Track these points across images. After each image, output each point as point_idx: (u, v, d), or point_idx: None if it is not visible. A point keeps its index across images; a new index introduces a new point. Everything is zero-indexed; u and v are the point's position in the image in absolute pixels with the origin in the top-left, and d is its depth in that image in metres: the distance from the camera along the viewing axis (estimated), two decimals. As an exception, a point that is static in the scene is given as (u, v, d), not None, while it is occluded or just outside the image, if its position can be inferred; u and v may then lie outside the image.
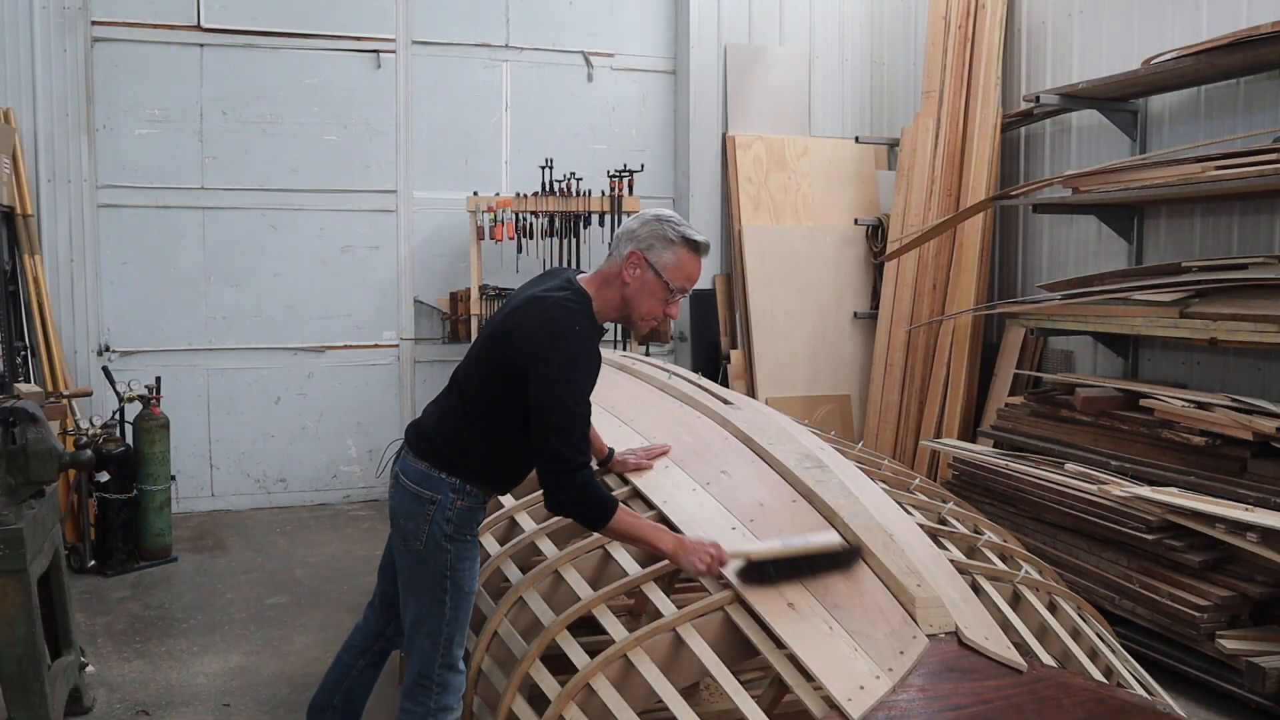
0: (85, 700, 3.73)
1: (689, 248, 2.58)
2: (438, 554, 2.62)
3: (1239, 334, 4.21)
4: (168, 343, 6.50)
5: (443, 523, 2.62)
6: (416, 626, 2.66)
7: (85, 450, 3.55)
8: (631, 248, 2.58)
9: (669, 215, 2.62)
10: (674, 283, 2.58)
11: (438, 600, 2.62)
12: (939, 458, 6.17)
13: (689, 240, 2.58)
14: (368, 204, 6.78)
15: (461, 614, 2.67)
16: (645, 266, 2.56)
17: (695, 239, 2.59)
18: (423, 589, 2.64)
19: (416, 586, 2.66)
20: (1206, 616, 3.89)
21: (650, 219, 2.61)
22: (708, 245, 2.63)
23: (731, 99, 7.24)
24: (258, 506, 6.71)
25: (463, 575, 2.65)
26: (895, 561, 2.43)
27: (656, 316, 2.63)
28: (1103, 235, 5.69)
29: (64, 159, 6.05)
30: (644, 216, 2.63)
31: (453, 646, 2.65)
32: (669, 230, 2.57)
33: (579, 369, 2.49)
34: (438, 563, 2.62)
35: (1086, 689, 2.28)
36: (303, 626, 4.64)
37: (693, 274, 2.61)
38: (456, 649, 2.66)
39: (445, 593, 2.62)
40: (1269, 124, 4.70)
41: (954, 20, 6.58)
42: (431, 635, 2.64)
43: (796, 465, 2.92)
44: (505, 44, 7.09)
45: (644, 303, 2.60)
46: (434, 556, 2.62)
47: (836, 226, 7.21)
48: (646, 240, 2.57)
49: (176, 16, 6.41)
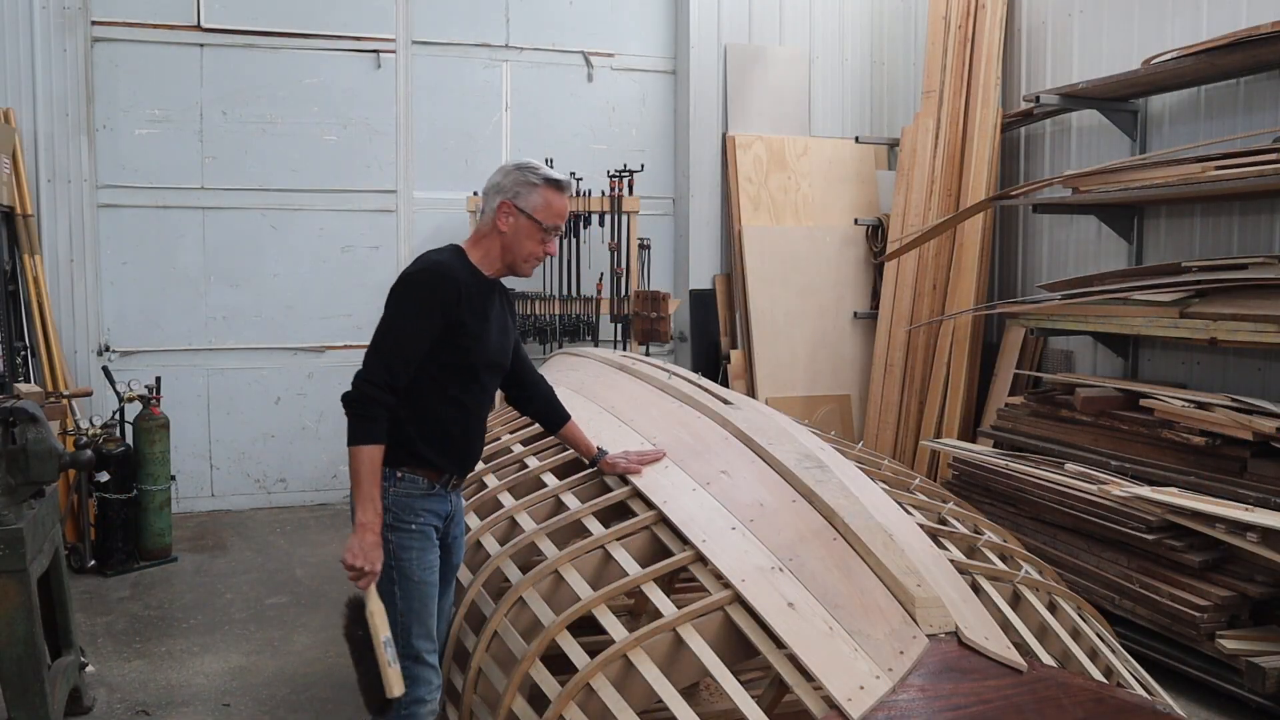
0: (85, 700, 3.73)
1: (552, 186, 2.71)
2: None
3: (1239, 334, 4.20)
4: (168, 343, 6.50)
5: None
6: None
7: (85, 450, 3.55)
8: (500, 199, 2.69)
9: (527, 162, 2.74)
10: (546, 221, 2.70)
11: (388, 591, 2.61)
12: (939, 458, 6.17)
13: (550, 180, 2.71)
14: (368, 204, 6.78)
15: (415, 604, 2.64)
16: (517, 213, 2.69)
17: (556, 178, 2.73)
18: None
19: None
20: (1206, 616, 3.89)
21: (511, 169, 2.72)
22: (569, 183, 2.78)
23: (731, 99, 7.24)
24: (258, 506, 6.71)
25: (409, 565, 2.63)
26: (895, 561, 2.43)
27: (538, 255, 2.76)
28: (1103, 235, 5.69)
29: (64, 159, 6.06)
30: (505, 169, 2.74)
31: (411, 638, 2.63)
32: (530, 175, 2.69)
33: (407, 298, 2.60)
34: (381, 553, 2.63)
35: (1086, 689, 2.28)
36: (303, 626, 4.64)
37: (560, 210, 2.74)
38: (417, 640, 2.64)
39: (394, 583, 2.61)
40: (1269, 124, 4.70)
41: (954, 20, 6.58)
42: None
43: (796, 465, 2.92)
44: (505, 44, 7.09)
45: (523, 245, 2.72)
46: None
47: (836, 226, 7.21)
48: (512, 189, 2.69)
49: (176, 16, 6.42)
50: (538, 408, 3.14)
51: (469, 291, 2.63)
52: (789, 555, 2.53)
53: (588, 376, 4.28)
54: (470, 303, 2.63)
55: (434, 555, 2.71)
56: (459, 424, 2.71)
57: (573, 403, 3.82)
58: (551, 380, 3.57)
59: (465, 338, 2.63)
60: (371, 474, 2.56)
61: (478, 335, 2.66)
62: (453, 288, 2.60)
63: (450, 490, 2.77)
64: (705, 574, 2.56)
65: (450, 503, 2.79)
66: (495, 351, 2.76)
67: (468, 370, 2.69)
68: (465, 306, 2.61)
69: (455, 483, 2.79)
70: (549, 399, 3.14)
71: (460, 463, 2.77)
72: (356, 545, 2.51)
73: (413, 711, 2.64)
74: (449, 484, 2.75)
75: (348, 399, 2.58)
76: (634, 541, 2.81)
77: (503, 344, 2.82)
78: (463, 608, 2.88)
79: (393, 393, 2.58)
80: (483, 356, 2.70)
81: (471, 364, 2.68)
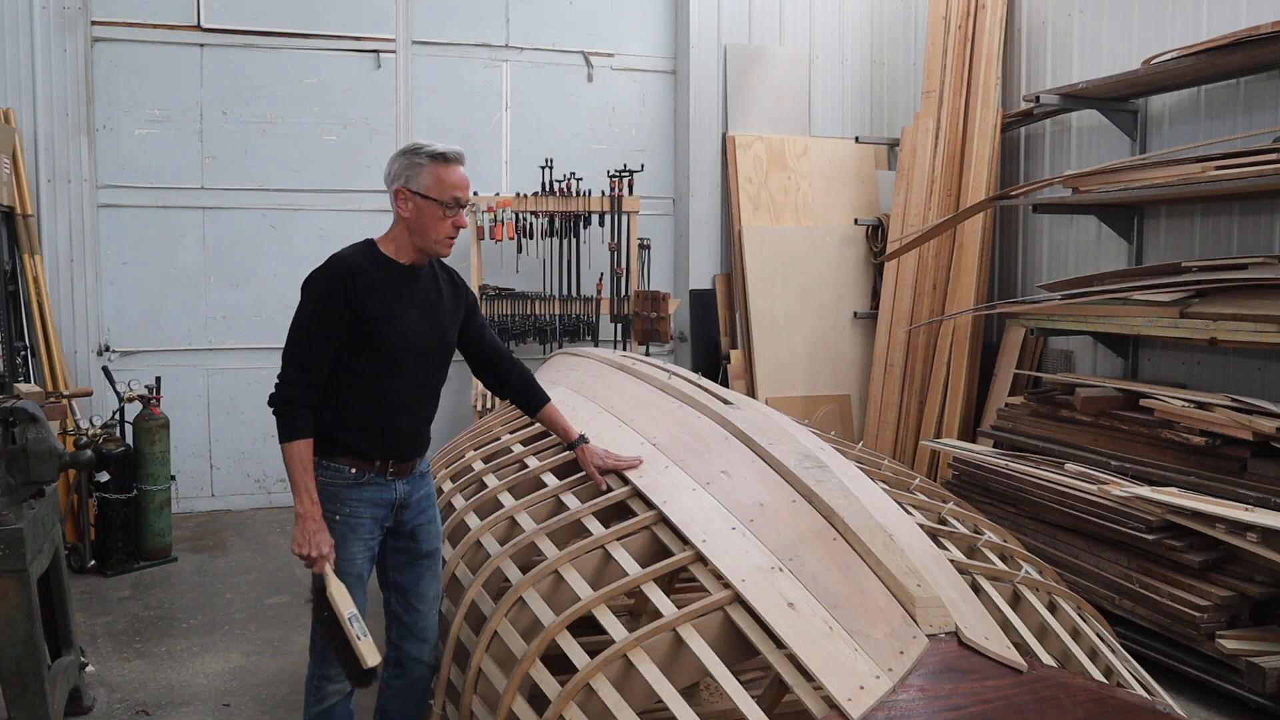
0: (85, 700, 3.73)
1: (439, 161, 2.68)
2: None
3: (1239, 334, 4.20)
4: (168, 343, 6.50)
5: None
6: None
7: (85, 450, 3.55)
8: (395, 186, 2.70)
9: (412, 144, 2.72)
10: (442, 197, 2.68)
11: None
12: (939, 458, 6.17)
13: (436, 154, 2.68)
14: (368, 204, 6.77)
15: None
16: (411, 195, 2.68)
17: (440, 151, 2.69)
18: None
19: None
20: (1206, 616, 3.89)
21: (397, 155, 2.73)
22: (457, 152, 2.72)
23: (731, 99, 7.24)
24: (258, 506, 6.72)
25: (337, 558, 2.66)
26: (895, 561, 2.43)
27: (450, 234, 2.73)
28: (1103, 235, 5.69)
29: (64, 159, 6.06)
30: (393, 156, 2.74)
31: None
32: (416, 157, 2.68)
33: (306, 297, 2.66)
34: None
35: (1086, 689, 2.28)
36: (303, 626, 4.64)
37: (456, 182, 2.70)
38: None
39: None
40: (1269, 124, 4.70)
41: (954, 20, 6.58)
42: None
43: (796, 465, 2.92)
44: (505, 44, 7.09)
45: (429, 228, 2.70)
46: None
47: (836, 226, 7.22)
48: (402, 174, 2.70)
49: (176, 16, 6.42)
50: (515, 389, 3.17)
51: (369, 279, 2.67)
52: (789, 555, 2.53)
53: (588, 376, 4.28)
54: (373, 289, 2.66)
55: (357, 548, 2.74)
56: (384, 410, 2.74)
57: (573, 403, 3.83)
58: (551, 380, 3.58)
59: (369, 321, 2.66)
60: (300, 467, 2.62)
61: (386, 320, 2.68)
62: (346, 277, 2.65)
63: (391, 478, 2.78)
64: (705, 574, 2.56)
65: (395, 490, 2.80)
66: (416, 335, 2.76)
67: (385, 355, 2.71)
68: (365, 294, 2.65)
69: (395, 469, 2.78)
70: (526, 380, 3.17)
71: (390, 449, 2.77)
72: (300, 534, 2.61)
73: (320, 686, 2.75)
74: (386, 471, 2.76)
75: (271, 401, 2.66)
76: (634, 541, 2.81)
77: (432, 328, 2.81)
78: (463, 608, 2.88)
79: (309, 388, 2.64)
80: (399, 340, 2.72)
81: (387, 349, 2.71)
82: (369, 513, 2.75)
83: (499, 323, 6.62)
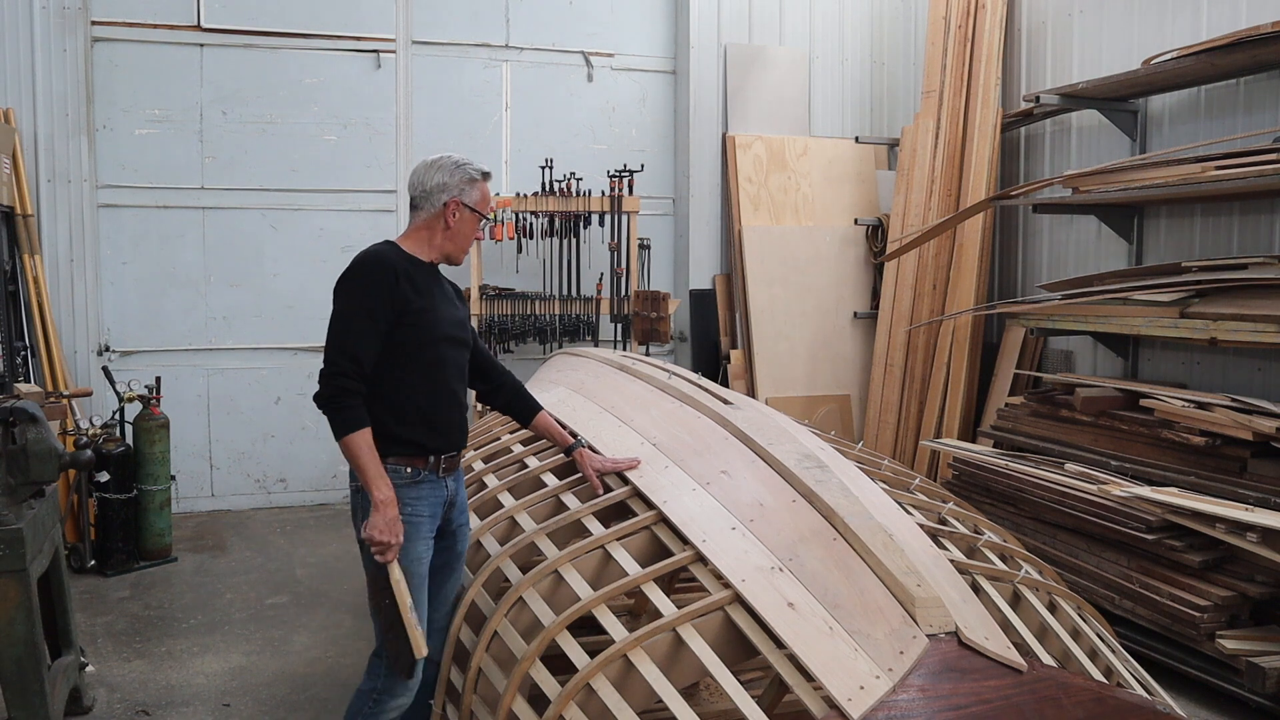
0: (85, 700, 3.73)
1: (485, 180, 2.93)
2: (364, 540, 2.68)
3: (1239, 334, 4.21)
4: (168, 343, 6.50)
5: (360, 507, 2.73)
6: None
7: (85, 450, 3.55)
8: (447, 197, 2.85)
9: (460, 159, 2.89)
10: (484, 211, 2.93)
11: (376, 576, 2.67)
12: (939, 458, 6.17)
13: (483, 173, 2.92)
14: (368, 204, 6.78)
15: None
16: (463, 208, 2.86)
17: (484, 169, 2.93)
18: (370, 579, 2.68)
19: (368, 577, 2.70)
20: (1206, 616, 3.89)
21: (450, 167, 2.86)
22: (489, 171, 2.97)
23: (731, 99, 7.24)
24: (258, 506, 6.72)
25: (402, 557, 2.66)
26: (895, 561, 2.43)
27: (472, 241, 2.98)
28: (1103, 235, 5.69)
29: (64, 159, 6.06)
30: (443, 166, 2.86)
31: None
32: (471, 172, 2.88)
33: (350, 288, 2.72)
34: (366, 551, 2.67)
35: (1086, 689, 2.28)
36: (303, 626, 4.64)
37: (489, 198, 2.97)
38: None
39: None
40: (1269, 124, 4.70)
41: (954, 20, 6.58)
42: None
43: (796, 465, 2.92)
44: (505, 44, 7.09)
45: (465, 237, 2.91)
46: (365, 546, 2.67)
47: (836, 226, 7.22)
48: (458, 187, 2.85)
49: (176, 16, 6.42)
50: (506, 399, 3.21)
51: (406, 271, 2.76)
52: (789, 555, 2.53)
53: (588, 376, 4.28)
54: (410, 281, 2.76)
55: (422, 547, 2.76)
56: (439, 401, 2.80)
57: (573, 403, 3.83)
58: (551, 380, 3.58)
59: (412, 313, 2.73)
60: (370, 454, 2.64)
61: (424, 309, 2.77)
62: (389, 268, 2.73)
63: (444, 475, 2.81)
64: (705, 574, 2.56)
65: (447, 488, 2.84)
66: (449, 325, 2.86)
67: (432, 345, 2.79)
68: (406, 284, 2.73)
69: (447, 464, 2.82)
70: (517, 390, 3.22)
71: (442, 437, 2.82)
72: (380, 521, 2.60)
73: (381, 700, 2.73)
74: (439, 467, 2.79)
75: (320, 397, 2.67)
76: (634, 541, 2.81)
77: (456, 319, 2.92)
78: (463, 608, 2.88)
79: (360, 378, 2.66)
80: (437, 329, 2.80)
81: (433, 339, 2.79)
82: (427, 510, 2.79)
83: (499, 323, 6.62)
